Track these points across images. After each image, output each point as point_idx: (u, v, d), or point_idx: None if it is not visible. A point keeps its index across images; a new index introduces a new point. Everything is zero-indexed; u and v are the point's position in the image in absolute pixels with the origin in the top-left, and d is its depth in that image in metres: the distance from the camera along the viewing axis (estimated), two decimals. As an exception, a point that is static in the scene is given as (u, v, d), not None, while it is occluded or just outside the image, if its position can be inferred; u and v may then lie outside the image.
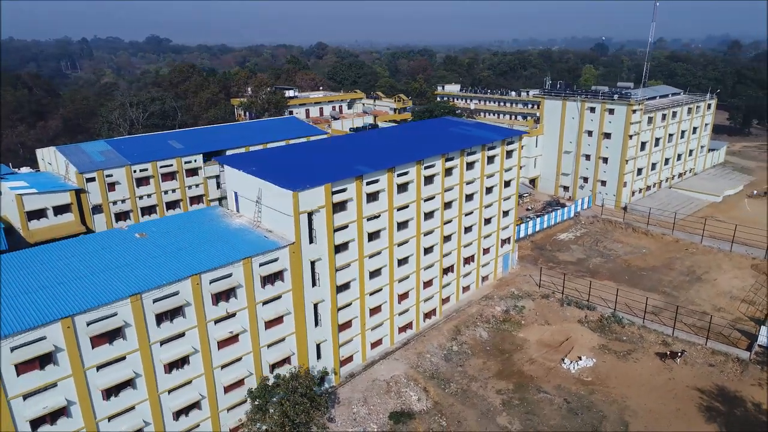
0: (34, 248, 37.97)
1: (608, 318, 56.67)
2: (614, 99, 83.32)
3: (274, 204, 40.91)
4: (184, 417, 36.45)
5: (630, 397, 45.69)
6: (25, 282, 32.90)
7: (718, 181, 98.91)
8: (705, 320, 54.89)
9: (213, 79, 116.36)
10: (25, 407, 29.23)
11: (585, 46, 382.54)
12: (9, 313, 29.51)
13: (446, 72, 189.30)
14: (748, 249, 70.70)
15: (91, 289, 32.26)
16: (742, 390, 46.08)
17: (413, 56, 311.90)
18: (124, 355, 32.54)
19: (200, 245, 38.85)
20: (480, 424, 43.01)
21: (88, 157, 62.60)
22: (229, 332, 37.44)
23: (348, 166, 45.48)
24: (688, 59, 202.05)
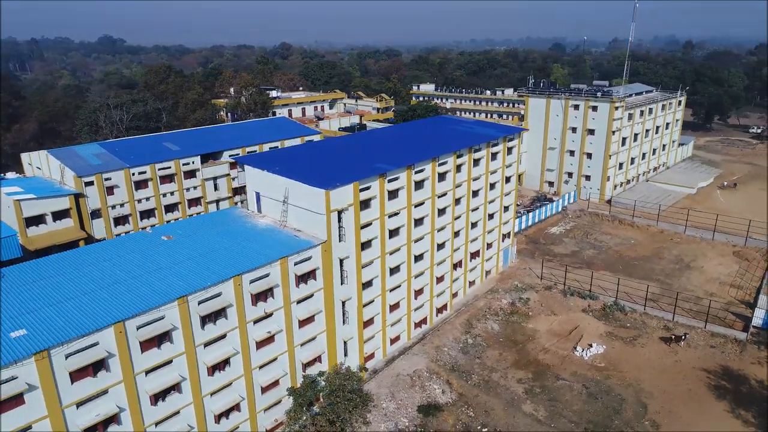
0: (62, 254, 36.86)
1: (611, 306, 58.98)
2: (597, 96, 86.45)
3: (302, 203, 40.93)
4: (224, 420, 36.13)
5: (643, 380, 47.84)
6: (66, 288, 32.01)
7: (690, 174, 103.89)
8: (700, 305, 57.91)
9: (194, 79, 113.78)
10: (78, 415, 28.49)
11: (540, 46, 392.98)
12: (59, 319, 28.71)
13: (419, 72, 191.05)
14: (728, 237, 74.75)
15: (136, 293, 31.65)
16: (743, 368, 48.94)
17: (379, 56, 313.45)
18: (170, 359, 32.07)
19: (232, 246, 38.52)
20: (507, 412, 44.19)
21: (84, 160, 60.68)
22: (267, 332, 37.32)
23: (369, 164, 45.87)
24: (647, 58, 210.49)
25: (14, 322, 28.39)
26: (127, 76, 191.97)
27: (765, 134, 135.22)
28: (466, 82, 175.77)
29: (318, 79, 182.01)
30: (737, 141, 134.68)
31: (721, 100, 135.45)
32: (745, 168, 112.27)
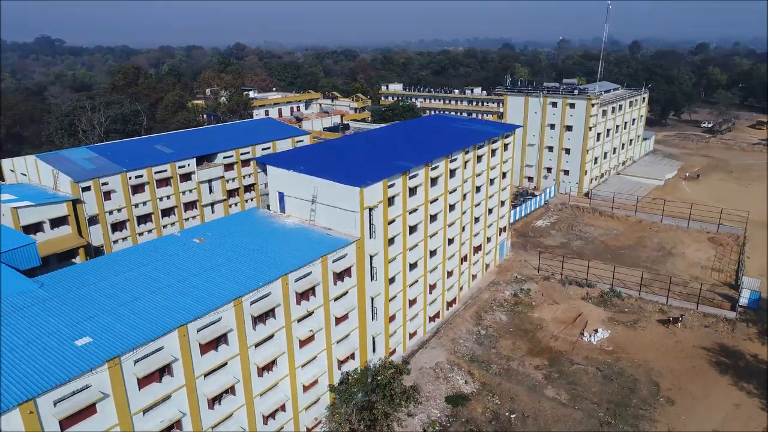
0: (96, 260, 35.74)
1: (608, 293, 61.93)
2: (575, 94, 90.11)
3: (333, 201, 41.15)
4: (272, 420, 35.98)
5: (650, 360, 50.66)
6: (115, 293, 31.14)
7: (656, 166, 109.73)
8: (689, 288, 61.65)
9: (169, 80, 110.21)
10: (145, 422, 27.87)
11: (487, 47, 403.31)
12: (121, 325, 28.00)
13: (384, 72, 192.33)
14: (702, 225, 79.69)
15: (190, 296, 31.17)
16: (737, 345, 52.63)
17: (337, 57, 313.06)
18: (226, 361, 31.75)
19: (268, 246, 38.36)
20: (531, 398, 45.86)
21: (77, 165, 58.36)
22: (309, 331, 37.41)
23: (388, 162, 46.52)
24: (596, 57, 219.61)
25: (74, 329, 27.48)
26: (79, 77, 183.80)
27: (716, 128, 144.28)
28: (433, 81, 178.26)
29: (282, 80, 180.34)
30: (691, 135, 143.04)
31: (676, 96, 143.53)
32: (704, 160, 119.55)
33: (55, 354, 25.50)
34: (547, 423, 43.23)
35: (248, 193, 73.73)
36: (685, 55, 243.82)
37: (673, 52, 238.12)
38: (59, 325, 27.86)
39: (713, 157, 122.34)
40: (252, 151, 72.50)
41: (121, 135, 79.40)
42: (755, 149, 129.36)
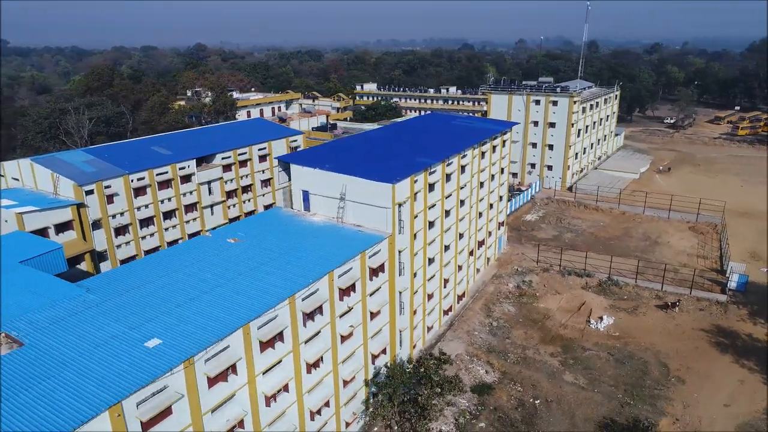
0: (134, 263, 35.04)
1: (606, 282, 64.56)
2: (557, 92, 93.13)
3: (364, 198, 41.62)
4: (318, 416, 36.21)
5: (655, 343, 53.28)
6: (167, 295, 30.77)
7: (630, 161, 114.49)
8: (680, 274, 64.98)
9: (149, 81, 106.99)
10: (213, 422, 27.76)
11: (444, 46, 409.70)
12: (186, 325, 27.76)
13: (357, 71, 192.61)
14: (681, 215, 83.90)
15: (245, 295, 31.13)
16: (732, 326, 55.95)
17: (302, 57, 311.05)
18: (281, 359, 31.85)
19: (304, 244, 38.50)
20: (552, 384, 47.56)
21: (76, 168, 56.59)
22: (350, 326, 37.81)
23: (408, 158, 47.30)
24: (559, 57, 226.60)
25: (139, 332, 27.09)
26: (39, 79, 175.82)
27: (679, 124, 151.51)
28: (406, 81, 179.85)
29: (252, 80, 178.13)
30: (656, 131, 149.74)
31: (641, 94, 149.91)
32: (671, 154, 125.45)
33: (129, 356, 25.14)
34: (571, 407, 45.00)
35: (246, 194, 73.06)
36: (641, 54, 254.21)
37: (628, 52, 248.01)
38: (121, 327, 27.40)
39: (680, 151, 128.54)
40: (249, 151, 71.87)
41: (106, 137, 77.03)
42: (716, 143, 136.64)
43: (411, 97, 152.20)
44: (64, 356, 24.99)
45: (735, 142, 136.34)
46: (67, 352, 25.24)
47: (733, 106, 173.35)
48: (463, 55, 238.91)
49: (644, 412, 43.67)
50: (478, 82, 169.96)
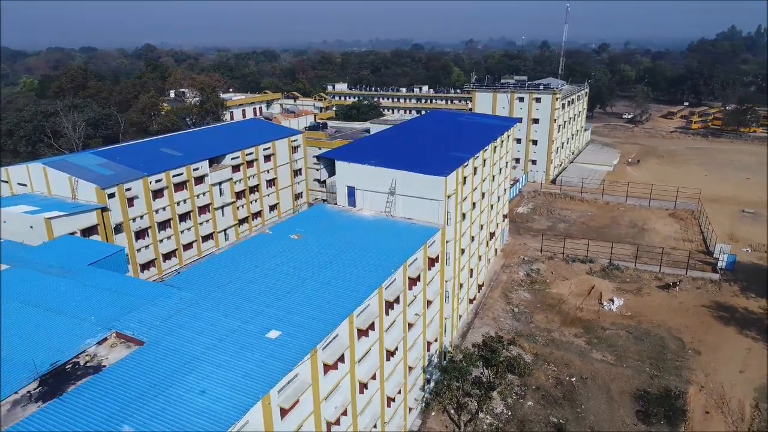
0: (211, 259, 35.03)
1: (608, 267, 68.61)
2: (540, 89, 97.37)
3: (415, 192, 43.05)
4: (393, 402, 37.39)
5: (666, 320, 57.39)
6: (264, 290, 31.18)
7: (602, 154, 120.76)
8: (673, 257, 69.90)
9: (128, 82, 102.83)
10: (326, 409, 28.57)
11: (389, 47, 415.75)
12: (295, 316, 28.43)
13: (324, 71, 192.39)
14: (660, 203, 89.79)
15: (335, 286, 31.98)
16: (728, 301, 60.95)
17: (257, 58, 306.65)
18: (370, 347, 32.88)
19: (366, 238, 39.59)
20: (583, 362, 50.53)
21: (93, 171, 55.11)
22: (415, 314, 39.18)
23: (444, 153, 49.09)
24: (517, 56, 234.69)
25: (254, 325, 27.54)
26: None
27: (637, 119, 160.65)
28: (375, 81, 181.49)
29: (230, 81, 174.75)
30: (617, 126, 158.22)
31: (601, 91, 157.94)
32: (636, 147, 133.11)
33: (258, 348, 25.64)
34: (605, 382, 48.08)
35: (252, 194, 72.71)
36: (590, 54, 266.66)
37: (579, 52, 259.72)
38: (236, 322, 27.75)
39: (642, 144, 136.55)
40: (255, 151, 71.69)
41: (99, 141, 74.55)
42: (673, 136, 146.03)
43: (383, 97, 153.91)
44: (193, 351, 25.20)
45: (690, 135, 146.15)
46: (194, 347, 25.46)
47: (681, 102, 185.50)
48: (423, 55, 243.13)
49: (672, 382, 47.30)
50: (445, 81, 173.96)
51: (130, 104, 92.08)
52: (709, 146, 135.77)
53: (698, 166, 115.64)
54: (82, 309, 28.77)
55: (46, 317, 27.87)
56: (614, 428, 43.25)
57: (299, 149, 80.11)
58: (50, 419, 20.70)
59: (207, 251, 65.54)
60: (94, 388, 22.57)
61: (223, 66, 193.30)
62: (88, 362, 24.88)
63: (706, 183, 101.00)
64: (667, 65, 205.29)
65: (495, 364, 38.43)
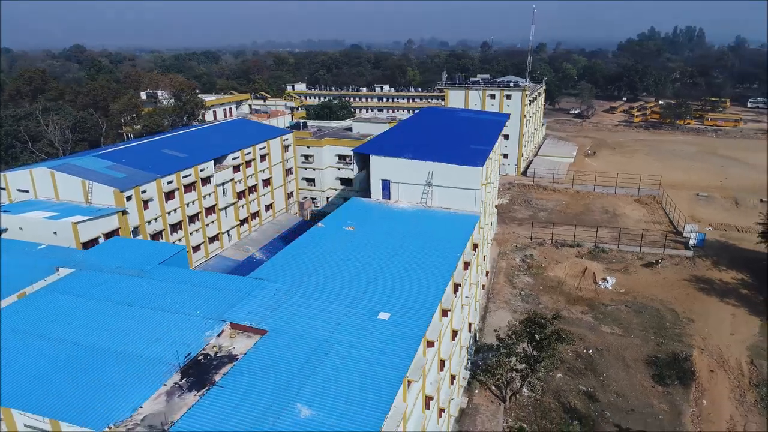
0: (275, 259, 35.76)
1: (594, 250, 73.97)
2: (511, 86, 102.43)
3: (450, 182, 45.46)
4: (454, 381, 39.60)
5: (655, 295, 62.96)
6: (351, 279, 32.54)
7: (562, 147, 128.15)
8: (649, 238, 76.30)
9: (96, 84, 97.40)
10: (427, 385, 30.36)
11: (323, 48, 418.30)
12: (396, 299, 30.02)
13: (279, 72, 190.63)
14: (625, 190, 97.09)
15: (415, 272, 33.81)
16: (704, 274, 67.57)
17: (199, 59, 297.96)
18: (446, 327, 34.91)
19: (418, 227, 41.55)
20: (596, 335, 54.81)
21: (103, 174, 53.57)
22: (466, 297, 41.59)
23: (465, 146, 51.81)
24: (463, 56, 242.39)
25: (361, 309, 28.92)
26: None
27: (584, 114, 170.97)
28: (333, 81, 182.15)
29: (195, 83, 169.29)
30: (567, 121, 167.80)
31: (550, 88, 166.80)
32: (588, 140, 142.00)
33: (377, 329, 27.11)
34: (619, 351, 52.52)
35: (251, 194, 72.51)
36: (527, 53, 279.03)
37: (519, 51, 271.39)
38: (342, 307, 29.04)
39: (593, 137, 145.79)
40: (253, 151, 71.58)
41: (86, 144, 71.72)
42: (618, 129, 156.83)
43: (344, 97, 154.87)
44: (318, 335, 26.33)
45: (632, 127, 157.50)
46: (318, 332, 26.58)
47: (619, 97, 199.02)
48: (372, 56, 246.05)
49: (677, 347, 52.41)
50: (402, 80, 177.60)
51: (99, 106, 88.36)
52: (651, 137, 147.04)
53: (647, 156, 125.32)
54: (184, 305, 29.02)
55: (153, 315, 27.95)
56: (636, 391, 47.58)
57: (289, 148, 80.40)
58: (222, 402, 21.43)
59: (213, 252, 64.91)
60: (243, 373, 23.34)
61: (173, 67, 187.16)
62: (217, 353, 25.46)
63: (658, 171, 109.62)
64: (603, 64, 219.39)
65: (545, 337, 41.41)
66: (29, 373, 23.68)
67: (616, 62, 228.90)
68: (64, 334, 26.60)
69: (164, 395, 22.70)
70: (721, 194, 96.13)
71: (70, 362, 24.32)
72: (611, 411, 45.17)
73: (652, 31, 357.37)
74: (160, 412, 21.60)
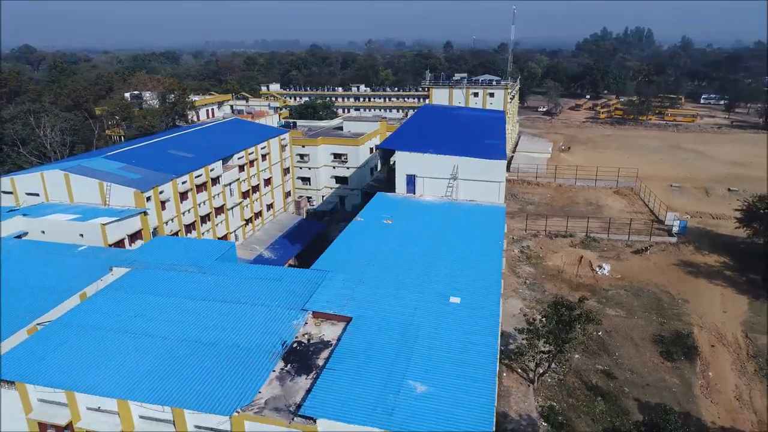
0: (331, 250, 36.77)
1: (586, 239, 77.72)
2: (493, 84, 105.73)
3: (475, 176, 47.44)
4: (492, 364, 41.51)
5: (650, 279, 66.93)
6: (410, 267, 33.86)
7: (537, 144, 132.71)
8: (634, 227, 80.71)
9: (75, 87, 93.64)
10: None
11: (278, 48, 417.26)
12: (462, 285, 31.64)
13: (250, 72, 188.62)
14: (604, 182, 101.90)
15: (467, 257, 35.55)
16: (690, 258, 72.22)
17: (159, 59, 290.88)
18: (493, 311, 36.82)
19: (450, 218, 43.28)
20: (603, 318, 57.70)
21: (119, 175, 52.97)
22: (499, 284, 43.62)
23: (478, 141, 53.96)
24: (430, 56, 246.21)
25: (431, 294, 30.42)
26: None
27: (552, 111, 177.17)
28: (307, 81, 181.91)
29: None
30: (537, 118, 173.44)
31: (521, 86, 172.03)
32: (559, 136, 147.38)
33: (454, 311, 28.66)
34: (626, 332, 55.84)
35: (254, 194, 72.61)
36: (491, 53, 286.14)
37: (483, 51, 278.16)
38: (412, 293, 30.40)
39: (564, 134, 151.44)
40: (255, 151, 71.73)
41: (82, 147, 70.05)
42: (586, 125, 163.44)
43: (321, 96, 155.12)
44: (402, 319, 27.65)
45: (599, 124, 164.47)
46: (400, 316, 27.90)
47: (582, 95, 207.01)
48: (339, 56, 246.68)
49: (678, 326, 56.17)
50: (375, 80, 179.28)
51: (82, 108, 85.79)
52: (617, 133, 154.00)
53: (618, 150, 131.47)
54: (259, 297, 29.74)
55: (234, 308, 28.57)
56: (648, 368, 50.86)
57: (286, 148, 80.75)
58: (339, 383, 22.51)
59: (222, 253, 64.66)
60: (347, 357, 24.43)
61: (139, 68, 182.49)
62: (310, 339, 26.44)
63: (630, 164, 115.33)
64: (566, 63, 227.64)
65: (575, 318, 43.87)
66: (133, 367, 24.05)
67: (576, 62, 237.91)
68: (150, 329, 26.94)
69: (276, 380, 23.58)
70: (692, 185, 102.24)
71: (172, 355, 24.79)
72: (629, 387, 48.24)
73: (605, 31, 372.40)
74: (279, 395, 22.51)
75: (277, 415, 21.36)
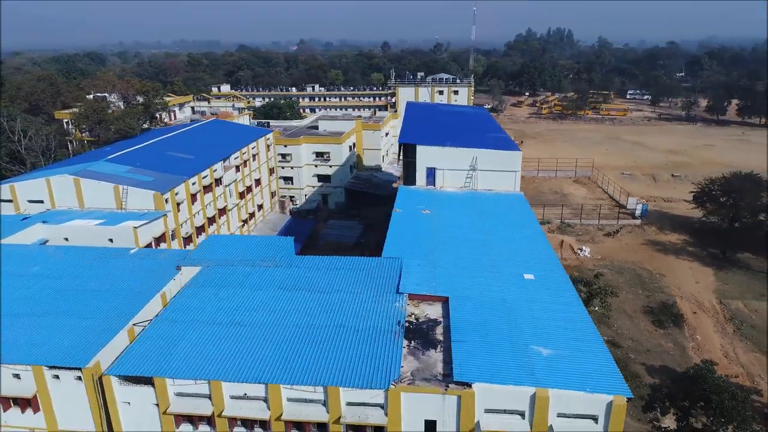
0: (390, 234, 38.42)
1: (561, 225, 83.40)
2: (457, 83, 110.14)
3: (492, 166, 50.57)
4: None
5: (627, 258, 73.22)
6: (470, 250, 36.25)
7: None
8: (601, 212, 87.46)
9: (39, 88, 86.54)
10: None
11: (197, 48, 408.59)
12: (529, 263, 34.46)
13: (195, 73, 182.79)
14: (563, 172, 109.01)
15: (517, 240, 38.47)
16: (655, 238, 79.50)
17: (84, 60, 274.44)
18: (538, 288, 39.98)
19: (483, 206, 46.12)
20: (596, 295, 63.06)
21: (128, 178, 51.73)
22: (526, 266, 46.95)
23: (482, 134, 57.26)
24: (373, 56, 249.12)
25: (506, 272, 32.99)
26: None
27: (497, 108, 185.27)
28: (258, 81, 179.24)
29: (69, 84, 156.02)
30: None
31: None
32: (510, 132, 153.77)
33: (534, 287, 31.39)
34: (620, 306, 61.15)
35: (248, 194, 72.26)
36: (427, 53, 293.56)
37: (422, 51, 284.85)
38: (488, 272, 32.84)
39: (512, 129, 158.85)
40: (248, 151, 71.48)
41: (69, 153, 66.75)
42: (531, 121, 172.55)
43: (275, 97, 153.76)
44: (494, 295, 30.04)
45: (542, 119, 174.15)
46: (492, 293, 30.31)
47: (521, 93, 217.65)
48: (282, 57, 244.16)
49: (662, 297, 62.30)
50: (325, 80, 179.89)
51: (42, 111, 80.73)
52: (561, 127, 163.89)
53: (565, 143, 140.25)
54: (349, 285, 31.03)
55: (332, 296, 29.76)
56: (645, 336, 56.28)
57: (271, 148, 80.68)
58: (474, 351, 24.58)
59: (225, 254, 64.08)
60: (464, 331, 26.44)
61: (75, 70, 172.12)
62: (417, 318, 28.26)
63: (580, 155, 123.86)
64: (502, 61, 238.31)
65: (598, 292, 47.98)
66: (266, 354, 24.85)
67: (511, 61, 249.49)
68: (259, 319, 27.67)
69: (408, 355, 25.27)
70: (641, 172, 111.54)
71: (298, 341, 25.77)
72: (633, 354, 53.29)
73: (530, 32, 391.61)
74: (420, 368, 24.28)
75: (430, 385, 23.11)
